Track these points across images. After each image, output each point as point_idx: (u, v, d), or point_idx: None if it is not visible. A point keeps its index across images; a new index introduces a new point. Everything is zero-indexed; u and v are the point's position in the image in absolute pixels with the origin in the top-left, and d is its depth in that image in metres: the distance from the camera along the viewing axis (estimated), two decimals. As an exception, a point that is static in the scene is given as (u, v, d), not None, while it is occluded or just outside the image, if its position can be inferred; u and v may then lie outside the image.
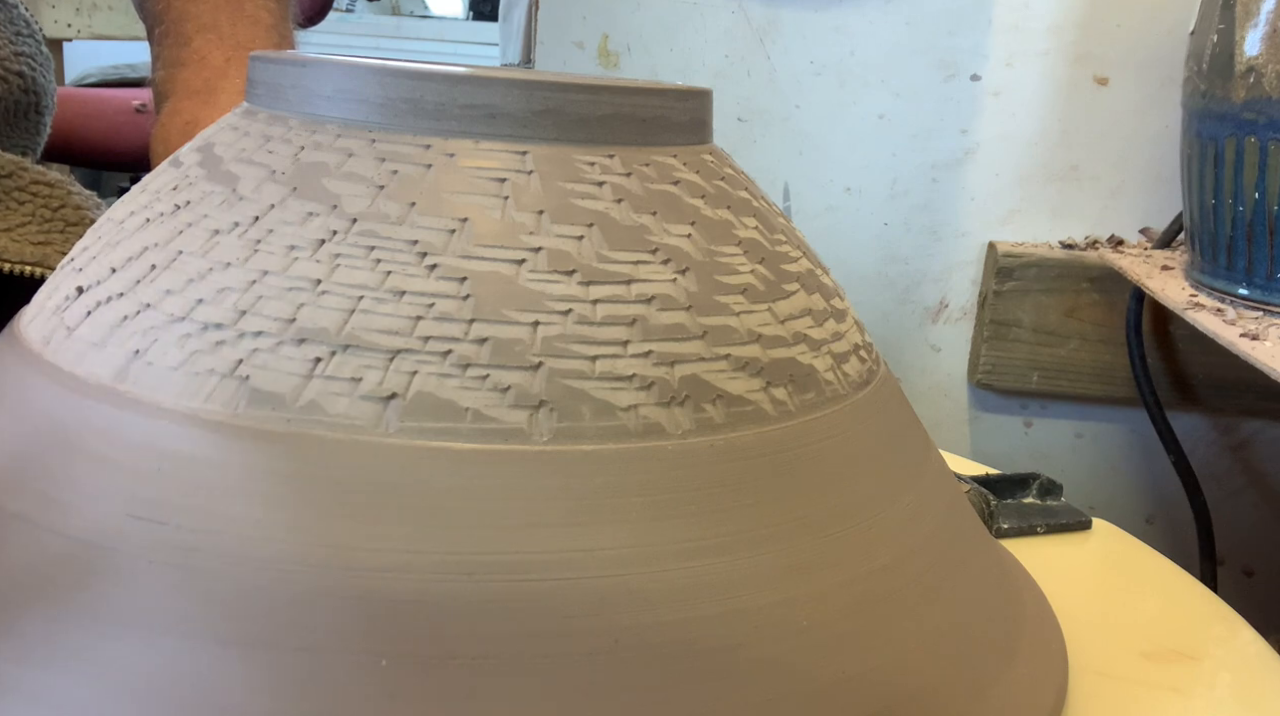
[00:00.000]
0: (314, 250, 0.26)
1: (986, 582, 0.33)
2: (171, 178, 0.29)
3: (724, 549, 0.25)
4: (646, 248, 0.27)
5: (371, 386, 0.24)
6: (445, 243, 0.26)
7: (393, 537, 0.23)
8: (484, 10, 2.86)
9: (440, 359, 0.25)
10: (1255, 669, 0.36)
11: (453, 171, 0.27)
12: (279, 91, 0.29)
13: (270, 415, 0.24)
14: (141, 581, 0.23)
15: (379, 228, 0.26)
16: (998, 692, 0.29)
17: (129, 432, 0.25)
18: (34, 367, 0.27)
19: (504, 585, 0.23)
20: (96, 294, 0.27)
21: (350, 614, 0.23)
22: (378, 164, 0.27)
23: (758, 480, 0.26)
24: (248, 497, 0.24)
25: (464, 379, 0.25)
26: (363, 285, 0.25)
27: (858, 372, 0.31)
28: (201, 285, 0.26)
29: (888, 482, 0.30)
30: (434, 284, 0.25)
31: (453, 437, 0.24)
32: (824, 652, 0.26)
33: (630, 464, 0.25)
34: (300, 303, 0.25)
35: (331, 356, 0.24)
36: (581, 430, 0.25)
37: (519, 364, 0.25)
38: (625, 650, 0.24)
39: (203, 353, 0.25)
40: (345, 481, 0.24)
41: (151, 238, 0.27)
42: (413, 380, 0.24)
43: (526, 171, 0.27)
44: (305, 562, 0.23)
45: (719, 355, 0.27)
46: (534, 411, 0.25)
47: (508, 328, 0.25)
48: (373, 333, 0.25)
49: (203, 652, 0.22)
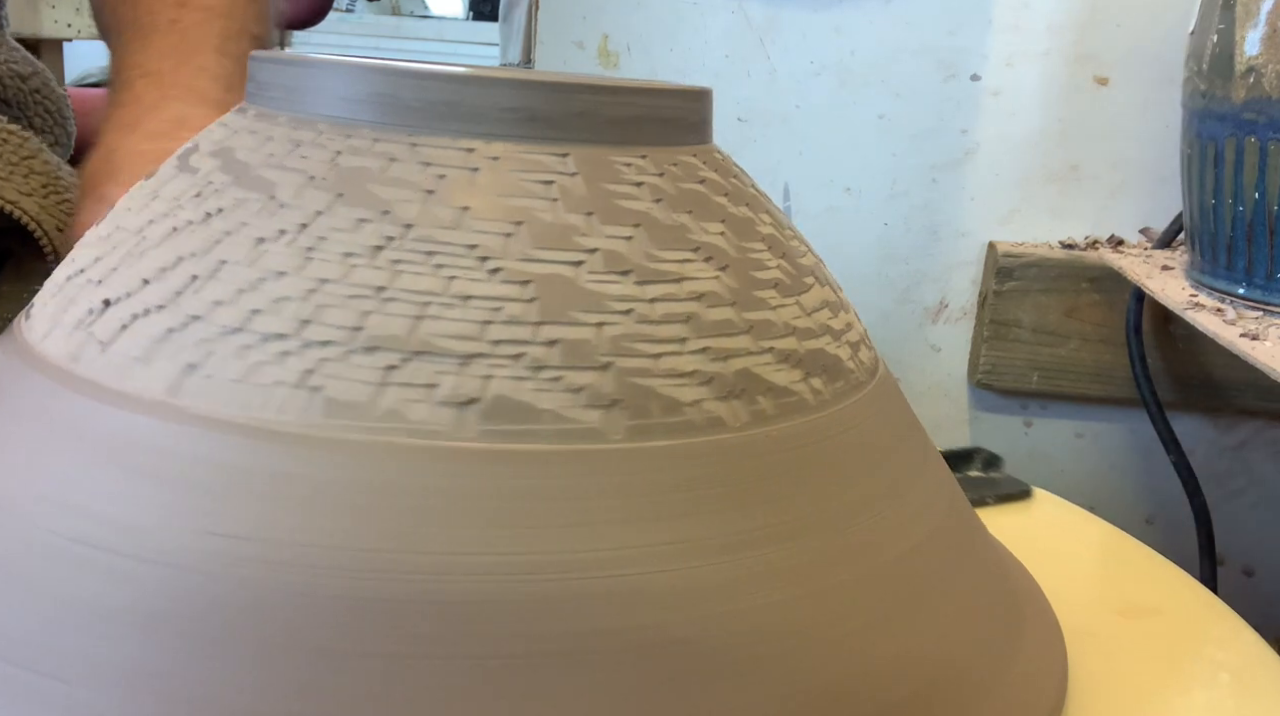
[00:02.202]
0: (372, 257, 0.25)
1: (990, 571, 0.33)
2: (190, 184, 0.28)
3: (792, 534, 0.26)
4: (689, 246, 0.28)
5: (449, 392, 0.24)
6: (504, 246, 0.26)
7: (482, 541, 0.23)
8: (484, 10, 2.86)
9: (513, 362, 0.25)
10: (1255, 669, 0.36)
11: (500, 174, 0.27)
12: (300, 95, 0.28)
13: (350, 424, 0.24)
14: (233, 601, 0.23)
15: (435, 232, 0.26)
16: (1002, 688, 0.29)
17: (194, 448, 0.24)
18: (66, 386, 0.26)
19: (600, 582, 0.24)
20: (130, 306, 0.26)
21: (448, 619, 0.23)
22: (422, 168, 0.27)
23: (808, 466, 0.27)
24: (335, 509, 0.23)
25: (538, 381, 0.25)
26: (428, 291, 0.25)
27: (869, 360, 0.33)
28: (255, 295, 0.25)
29: (905, 467, 0.31)
30: (499, 288, 0.25)
31: (533, 439, 0.24)
32: (875, 636, 0.27)
33: (699, 458, 0.26)
34: (365, 310, 0.25)
35: (404, 363, 0.24)
36: (652, 427, 0.25)
37: (589, 364, 0.25)
38: (710, 639, 0.24)
39: (267, 364, 0.24)
40: (431, 487, 0.24)
41: (185, 247, 0.27)
42: (489, 384, 0.24)
43: (570, 173, 0.27)
44: (400, 570, 0.23)
45: (764, 348, 0.28)
46: (607, 410, 0.25)
47: (575, 328, 0.25)
48: (444, 338, 0.25)
49: (307, 666, 0.22)
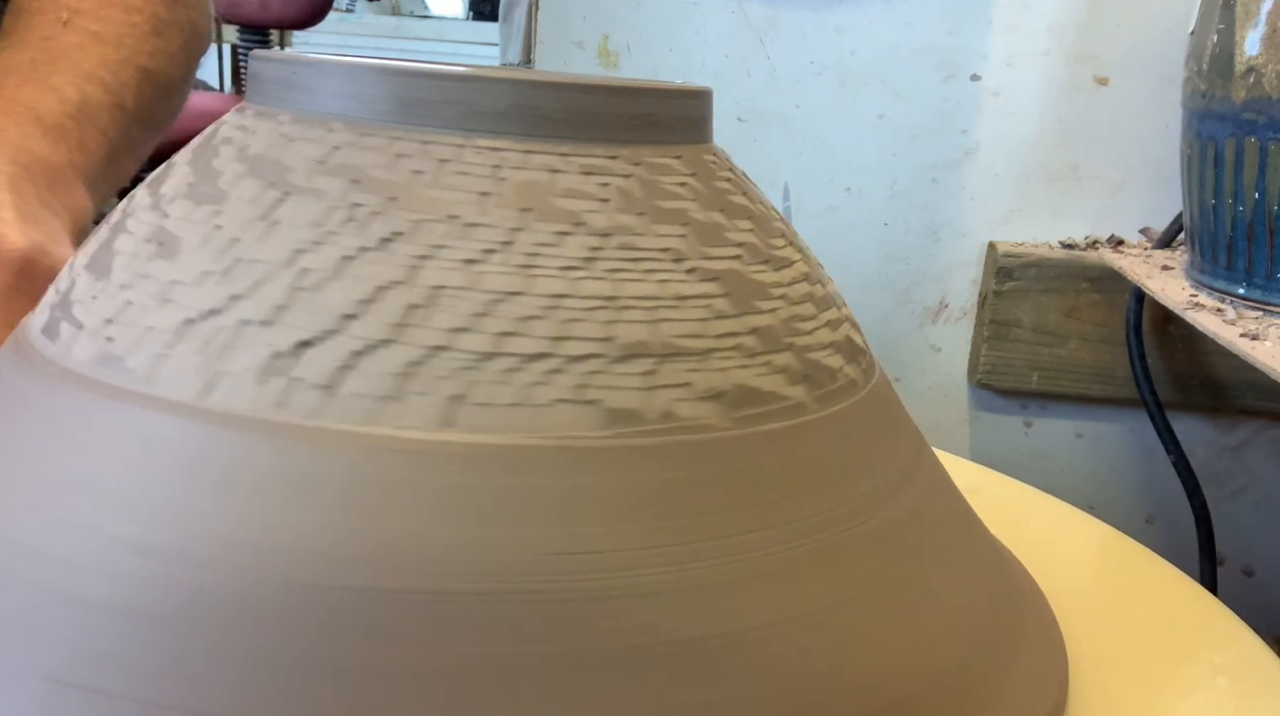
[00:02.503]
0: (589, 267, 0.26)
1: (991, 572, 0.33)
2: (325, 207, 0.26)
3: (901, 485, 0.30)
4: (776, 233, 0.31)
5: (704, 388, 0.26)
6: (686, 246, 0.27)
7: (747, 521, 0.25)
8: (484, 10, 2.86)
9: (735, 353, 0.27)
10: (1254, 671, 0.36)
11: (643, 179, 0.28)
12: (438, 109, 0.27)
13: (634, 431, 0.25)
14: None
15: (630, 239, 0.27)
16: (1004, 689, 0.29)
17: (497, 477, 0.24)
18: (185, 416, 0.24)
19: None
20: (341, 344, 0.25)
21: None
22: (584, 178, 0.27)
23: (867, 445, 0.30)
24: (631, 514, 0.24)
25: (756, 367, 0.27)
26: (651, 296, 0.26)
27: (863, 341, 0.34)
28: (495, 319, 0.25)
29: (903, 466, 0.32)
30: (701, 287, 0.27)
31: (773, 420, 0.27)
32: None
33: (852, 413, 0.29)
34: (608, 319, 0.25)
35: (660, 365, 0.25)
36: (830, 394, 0.29)
37: (780, 347, 0.28)
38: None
39: (539, 384, 0.25)
40: (707, 480, 0.25)
41: (378, 275, 0.25)
42: (728, 375, 0.26)
43: (689, 173, 0.29)
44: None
45: (826, 323, 0.31)
46: (803, 385, 0.28)
47: (762, 317, 0.28)
48: (682, 338, 0.26)
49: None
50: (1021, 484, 0.51)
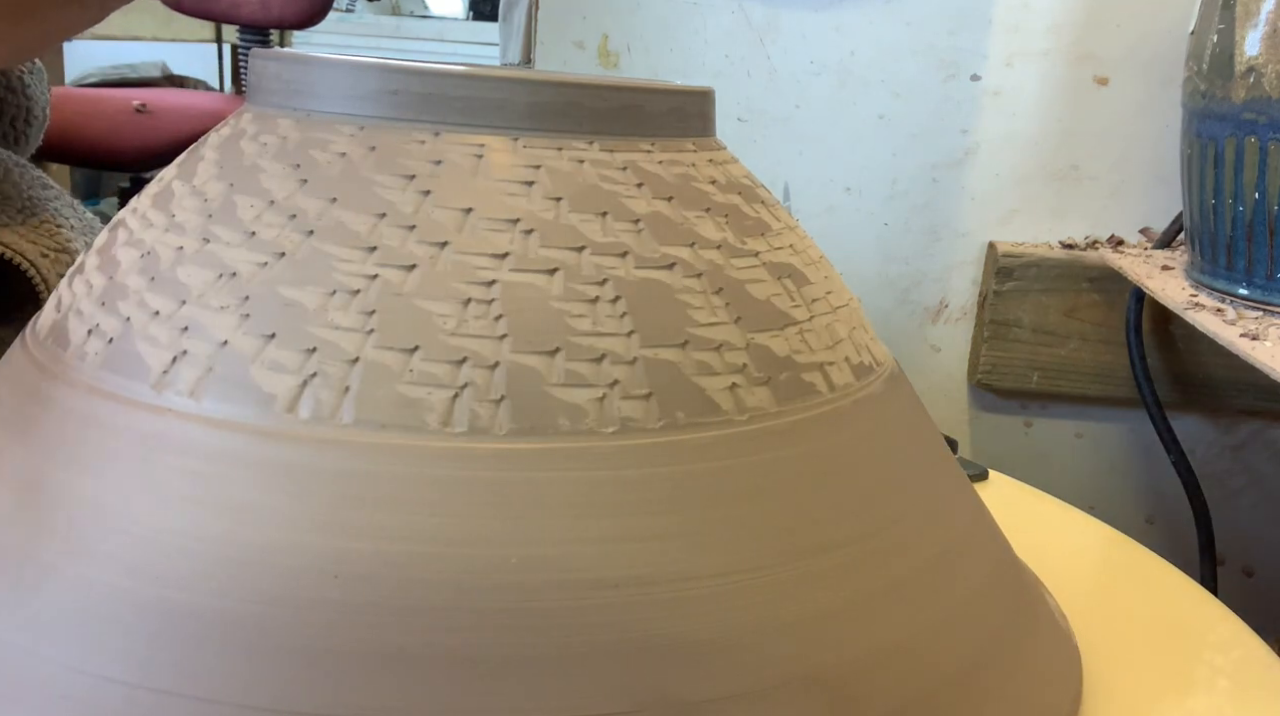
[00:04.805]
0: (625, 268, 0.27)
1: (1007, 574, 0.33)
2: (396, 217, 0.26)
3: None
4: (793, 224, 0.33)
5: (754, 372, 0.27)
6: (721, 237, 0.28)
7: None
8: (484, 10, 2.86)
9: (780, 331, 0.28)
10: (1254, 671, 0.36)
11: (664, 176, 0.28)
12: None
13: (705, 422, 0.26)
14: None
15: (665, 233, 0.27)
16: (1017, 689, 0.29)
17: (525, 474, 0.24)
18: (272, 438, 0.24)
19: None
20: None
21: None
22: (621, 172, 0.28)
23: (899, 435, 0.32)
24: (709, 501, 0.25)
25: (792, 341, 0.29)
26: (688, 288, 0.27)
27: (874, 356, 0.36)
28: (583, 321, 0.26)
29: (922, 462, 0.32)
30: (774, 287, 0.29)
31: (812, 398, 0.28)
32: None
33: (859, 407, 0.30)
34: (645, 317, 0.27)
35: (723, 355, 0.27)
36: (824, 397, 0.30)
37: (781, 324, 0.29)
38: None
39: (580, 387, 0.25)
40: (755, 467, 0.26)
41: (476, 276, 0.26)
42: (773, 347, 0.28)
43: (717, 171, 0.30)
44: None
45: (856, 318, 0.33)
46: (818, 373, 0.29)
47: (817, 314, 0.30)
48: (704, 328, 0.27)
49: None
50: (1021, 484, 0.51)
